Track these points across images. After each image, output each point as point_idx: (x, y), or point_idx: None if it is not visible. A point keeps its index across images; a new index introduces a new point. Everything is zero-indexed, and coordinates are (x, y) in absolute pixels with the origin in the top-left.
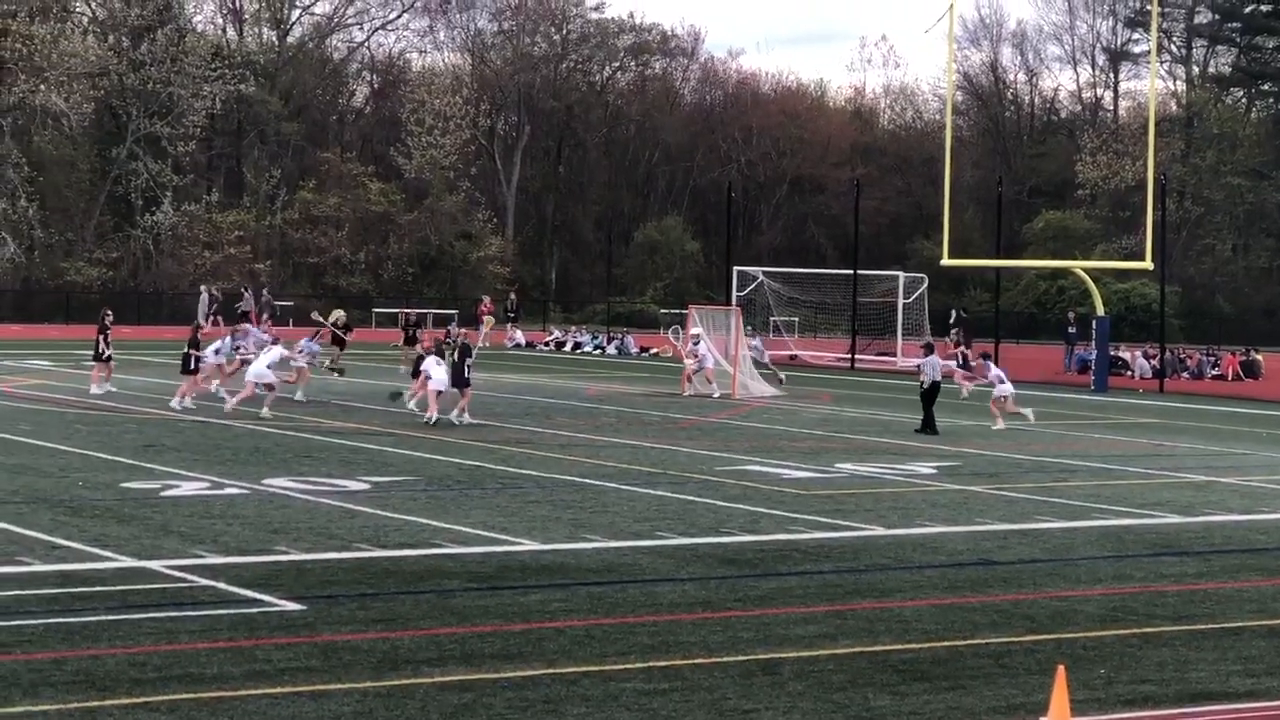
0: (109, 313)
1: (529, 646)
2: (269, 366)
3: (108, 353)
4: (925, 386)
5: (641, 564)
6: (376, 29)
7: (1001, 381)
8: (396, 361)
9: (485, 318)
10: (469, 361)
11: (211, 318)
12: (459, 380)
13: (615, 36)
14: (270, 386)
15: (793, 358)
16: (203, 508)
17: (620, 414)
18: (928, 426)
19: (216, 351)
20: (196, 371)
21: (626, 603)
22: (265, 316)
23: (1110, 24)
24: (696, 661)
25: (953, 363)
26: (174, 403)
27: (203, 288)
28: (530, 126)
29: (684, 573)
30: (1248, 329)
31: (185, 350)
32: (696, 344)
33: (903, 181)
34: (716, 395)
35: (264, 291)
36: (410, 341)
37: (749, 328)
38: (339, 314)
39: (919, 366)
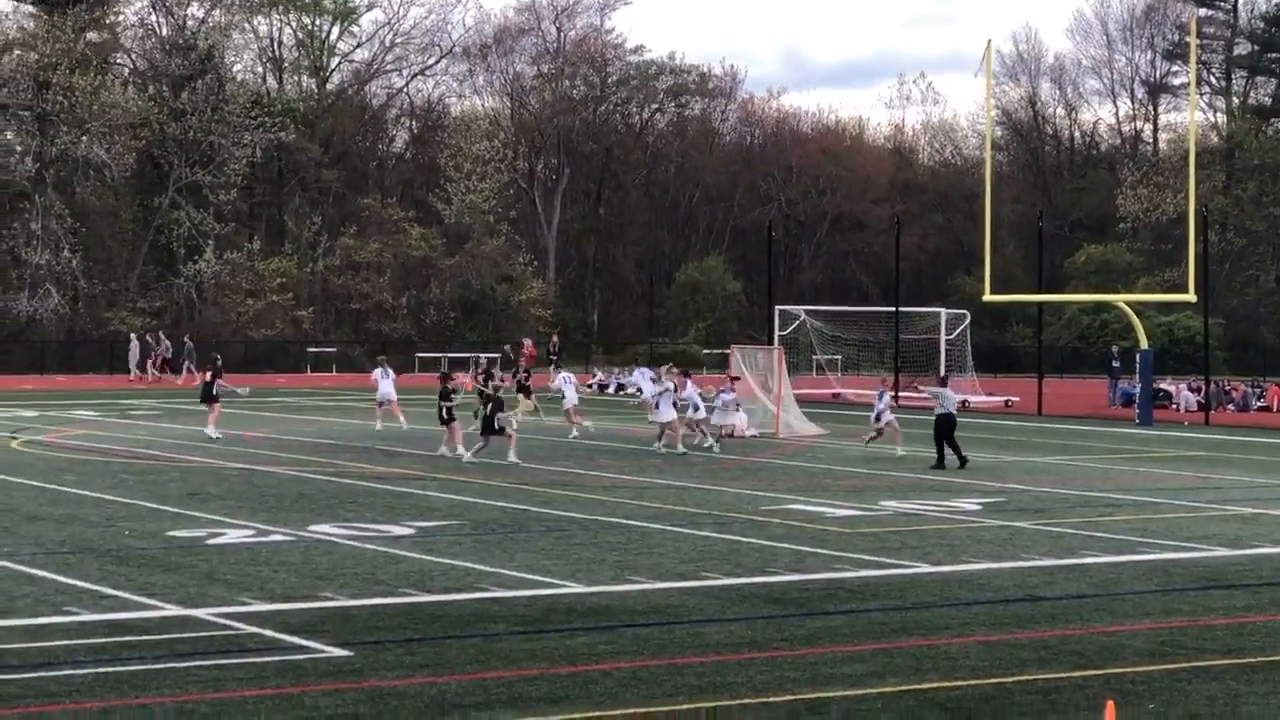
0: (218, 357)
1: (576, 689)
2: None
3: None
4: (937, 418)
5: (687, 605)
6: (415, 75)
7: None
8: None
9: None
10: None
11: (151, 361)
12: (488, 428)
13: (654, 78)
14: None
15: (836, 396)
16: (248, 555)
17: (666, 455)
18: (941, 461)
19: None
20: (217, 400)
21: (673, 644)
22: (186, 364)
23: (1149, 56)
24: (744, 702)
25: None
26: (209, 431)
27: (133, 335)
28: (570, 169)
29: (730, 613)
30: None
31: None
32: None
33: (943, 218)
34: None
35: (185, 339)
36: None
37: (641, 368)
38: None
39: (934, 395)
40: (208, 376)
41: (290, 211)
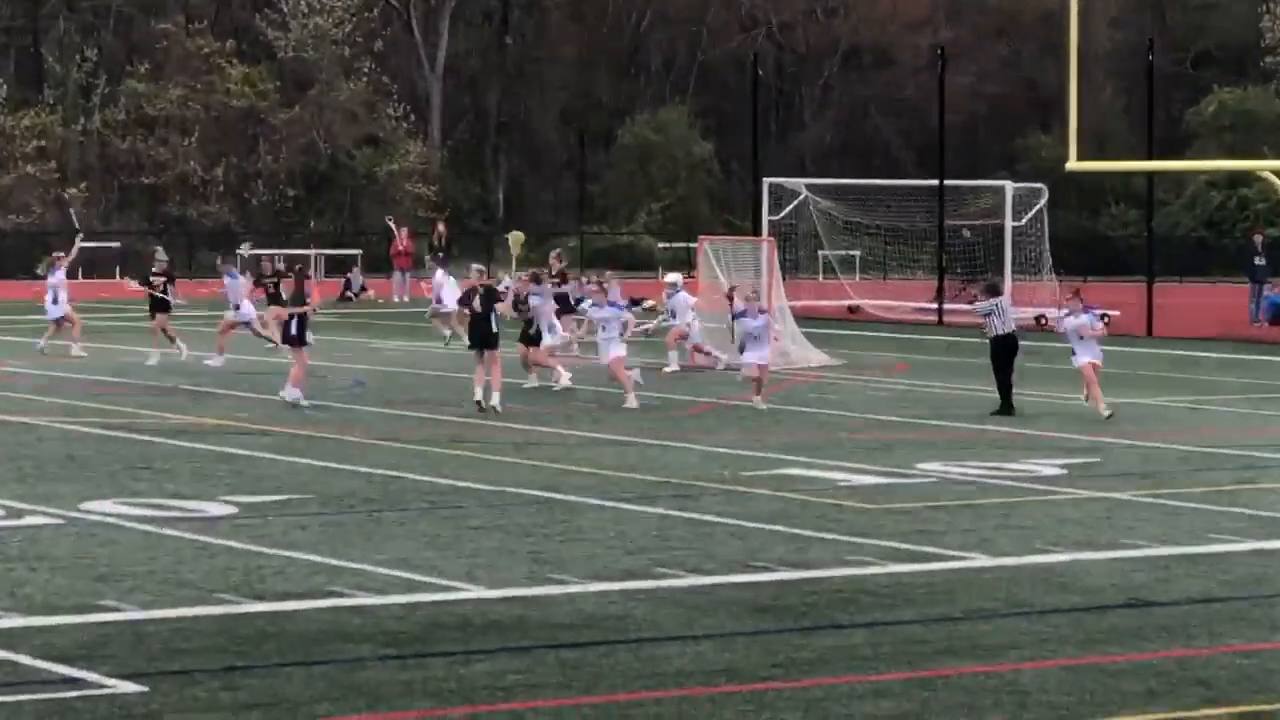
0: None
1: None
2: None
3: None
4: (994, 341)
5: (635, 616)
6: None
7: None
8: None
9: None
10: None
11: None
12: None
13: None
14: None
15: (852, 310)
16: None
17: (602, 396)
18: (1006, 404)
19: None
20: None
21: (615, 673)
22: None
23: None
24: None
25: (1084, 317)
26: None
27: None
28: None
29: (698, 627)
30: None
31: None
32: (674, 295)
33: (1008, 50)
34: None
35: None
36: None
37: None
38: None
39: (981, 311)
40: None
41: (51, 42)
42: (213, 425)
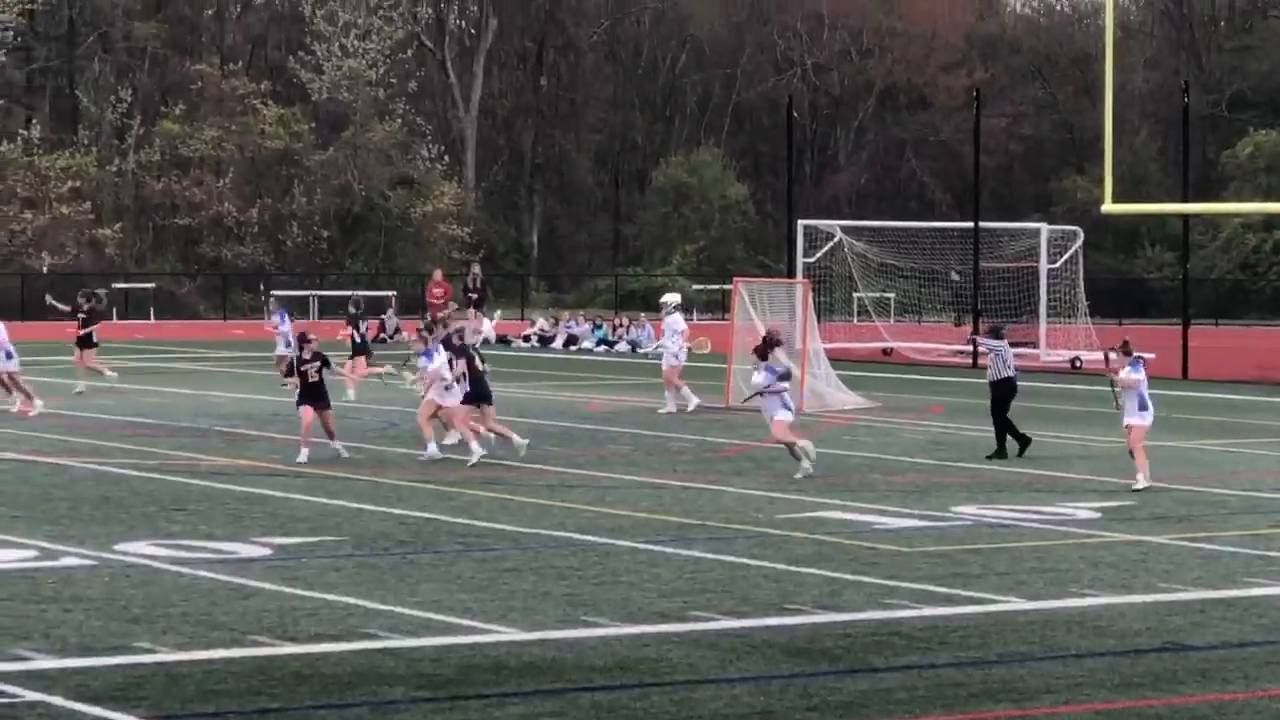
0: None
1: None
2: None
3: None
4: (992, 385)
5: (670, 659)
6: None
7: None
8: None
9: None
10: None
11: None
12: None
13: None
14: None
15: (887, 352)
16: (27, 587)
17: (637, 439)
18: (1001, 447)
19: None
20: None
21: (649, 716)
22: None
23: None
24: None
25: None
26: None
27: None
28: (497, 19)
29: (733, 670)
30: None
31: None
32: (670, 314)
33: (1044, 91)
34: (664, 411)
35: None
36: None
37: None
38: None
39: (988, 351)
40: None
41: (86, 83)
42: (247, 467)
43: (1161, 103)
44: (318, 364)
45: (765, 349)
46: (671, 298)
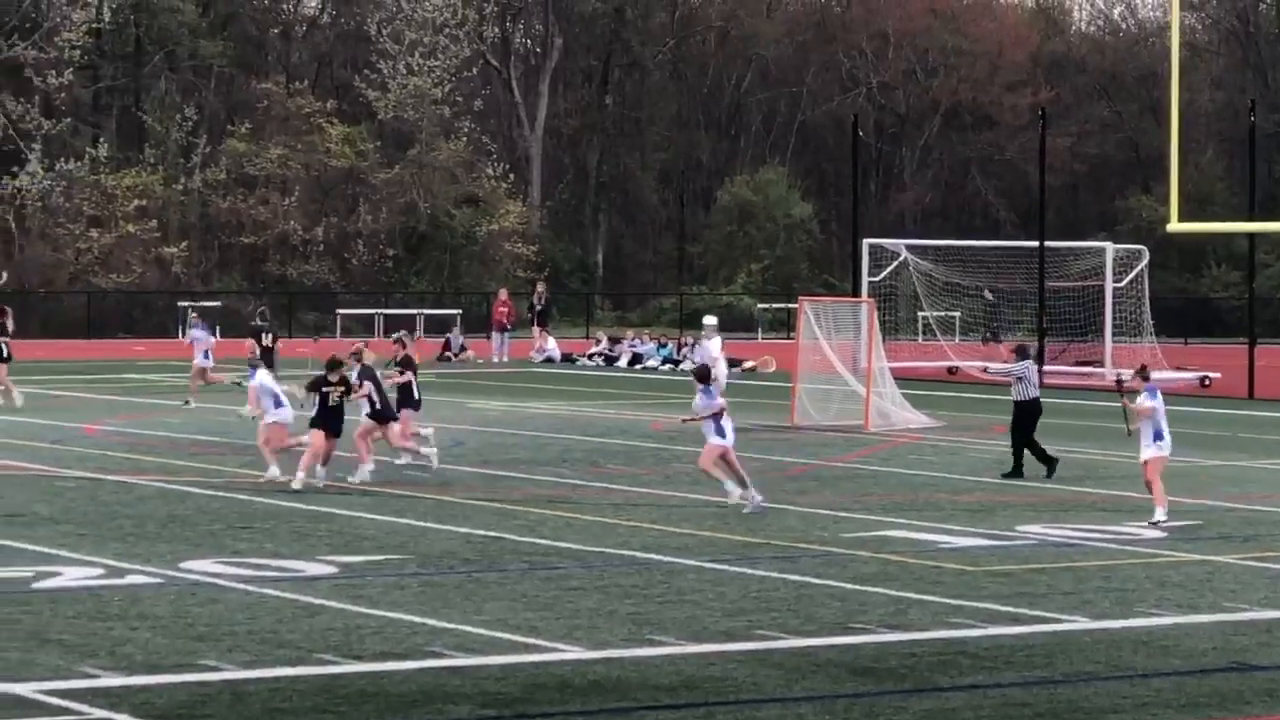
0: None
1: None
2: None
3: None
4: (1016, 405)
5: (736, 677)
6: None
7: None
8: None
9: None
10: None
11: None
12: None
13: None
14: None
15: (952, 371)
16: (94, 605)
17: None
18: (1018, 467)
19: None
20: None
21: None
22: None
23: None
24: None
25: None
26: None
27: None
28: (563, 38)
29: (798, 689)
30: None
31: None
32: (709, 339)
33: (1109, 110)
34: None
35: None
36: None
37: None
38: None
39: (1012, 374)
40: None
41: (152, 101)
42: (312, 484)
43: (1227, 121)
44: (341, 389)
45: (705, 373)
46: (710, 320)
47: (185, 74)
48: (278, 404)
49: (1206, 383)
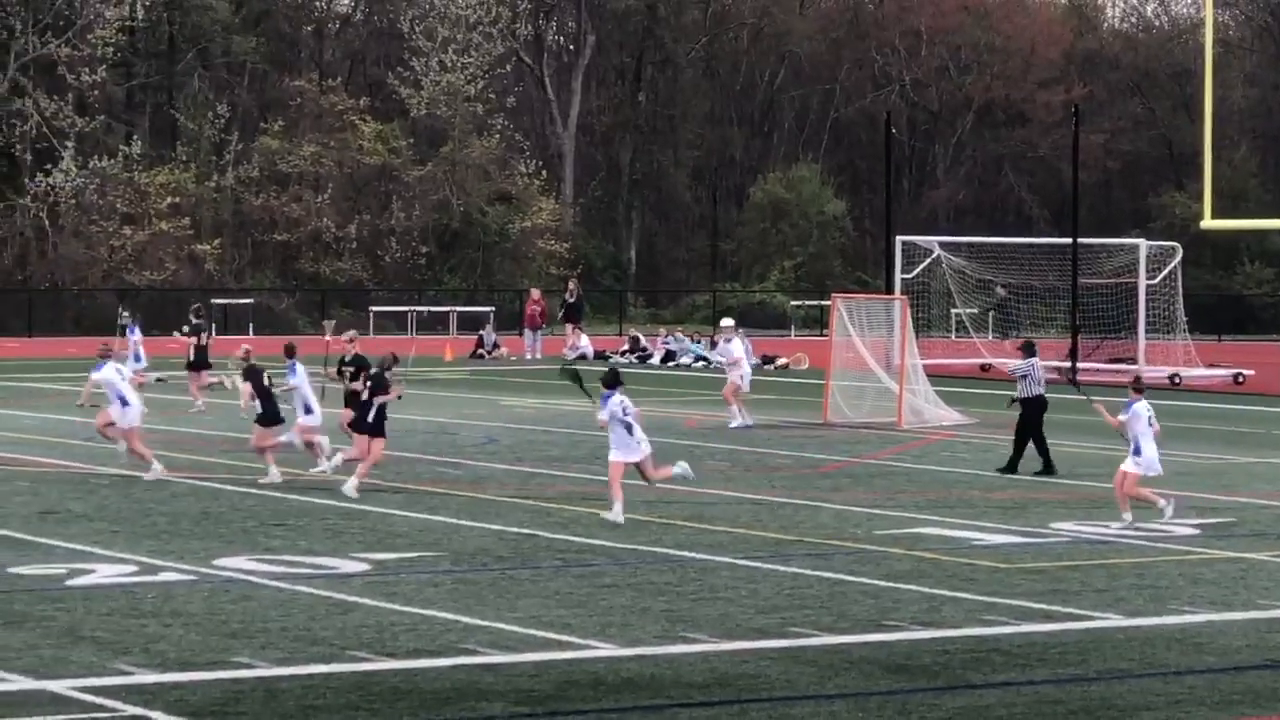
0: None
1: None
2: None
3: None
4: (1020, 403)
5: (769, 675)
6: None
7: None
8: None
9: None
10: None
11: None
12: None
13: None
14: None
15: (985, 368)
16: (127, 602)
17: (734, 455)
18: (1014, 464)
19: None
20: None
21: None
22: None
23: None
24: None
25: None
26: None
27: None
28: (596, 35)
29: (831, 687)
30: None
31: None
32: (729, 341)
33: (1142, 107)
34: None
35: None
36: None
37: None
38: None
39: (1015, 372)
40: None
41: (185, 99)
42: (345, 482)
43: (1261, 118)
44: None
45: (613, 379)
46: (728, 322)
47: (218, 71)
48: (124, 401)
49: (1240, 380)
